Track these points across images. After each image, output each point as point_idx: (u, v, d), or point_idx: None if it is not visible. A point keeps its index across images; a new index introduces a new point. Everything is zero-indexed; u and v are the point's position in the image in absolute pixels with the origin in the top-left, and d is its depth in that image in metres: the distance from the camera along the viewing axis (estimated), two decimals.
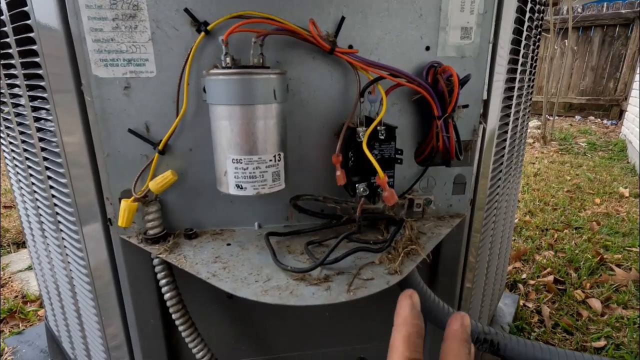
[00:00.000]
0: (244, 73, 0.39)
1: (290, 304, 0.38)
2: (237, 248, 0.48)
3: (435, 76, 0.47)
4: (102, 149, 0.47)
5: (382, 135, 0.44)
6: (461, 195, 0.57)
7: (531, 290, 1.46)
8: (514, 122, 0.74)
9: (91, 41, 0.43)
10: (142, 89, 0.45)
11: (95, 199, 0.51)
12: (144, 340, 0.59)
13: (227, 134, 0.41)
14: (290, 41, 0.46)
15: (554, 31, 3.81)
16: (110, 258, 0.55)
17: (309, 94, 0.49)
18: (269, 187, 0.43)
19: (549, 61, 3.98)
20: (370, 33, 0.48)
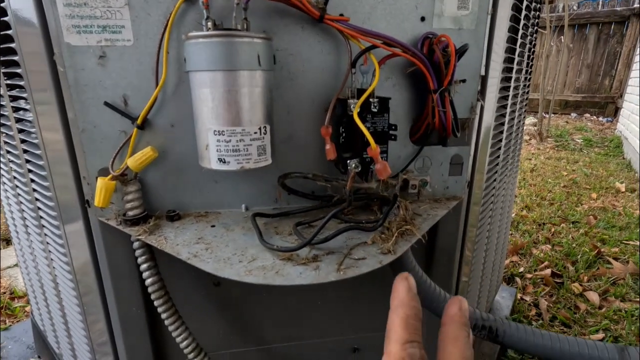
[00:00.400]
0: (226, 35, 0.36)
1: (276, 283, 0.36)
2: (222, 229, 0.46)
3: (430, 47, 0.45)
4: (77, 124, 0.44)
5: (375, 108, 0.42)
6: (458, 177, 0.55)
7: (528, 283, 1.45)
8: (511, 107, 0.71)
9: (62, 5, 0.40)
10: (119, 59, 0.42)
11: (77, 196, 0.48)
12: (127, 333, 0.56)
13: (208, 103, 0.38)
14: (277, 8, 0.43)
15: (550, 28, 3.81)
16: (92, 251, 0.52)
17: (298, 66, 0.46)
18: (254, 162, 0.40)
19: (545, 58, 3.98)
20: (362, 2, 0.45)
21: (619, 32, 5.16)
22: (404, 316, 0.26)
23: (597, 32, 5.30)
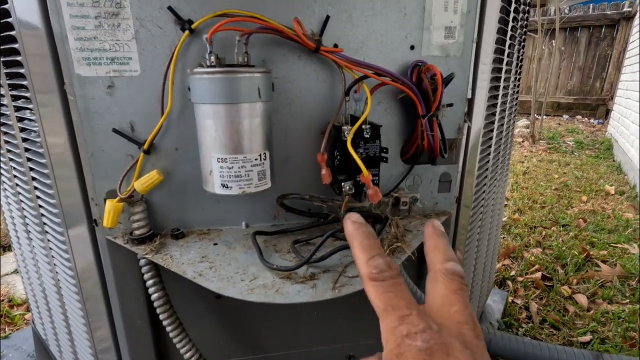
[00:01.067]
0: (228, 72, 0.39)
1: (276, 302, 0.38)
2: (224, 247, 0.48)
3: (419, 75, 0.48)
4: (86, 149, 0.47)
5: (367, 134, 0.45)
6: (447, 193, 0.58)
7: (520, 286, 1.48)
8: (499, 121, 0.75)
9: (73, 39, 0.42)
10: (126, 88, 0.45)
11: (81, 200, 0.51)
12: (131, 342, 0.58)
13: (212, 133, 0.40)
14: (275, 40, 0.46)
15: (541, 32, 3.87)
16: (96, 259, 0.54)
17: (295, 92, 0.49)
18: (255, 186, 0.43)
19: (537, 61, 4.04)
20: (355, 32, 0.48)
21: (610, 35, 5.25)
22: (358, 242, 0.29)
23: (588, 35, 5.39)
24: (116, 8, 0.42)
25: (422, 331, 0.23)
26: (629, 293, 1.43)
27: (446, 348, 0.23)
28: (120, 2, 0.42)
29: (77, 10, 0.41)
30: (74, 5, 0.41)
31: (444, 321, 0.25)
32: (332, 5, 0.46)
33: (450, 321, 0.25)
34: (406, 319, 0.24)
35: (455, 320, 0.25)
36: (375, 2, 0.47)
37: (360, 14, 0.47)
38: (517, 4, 0.69)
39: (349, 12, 0.47)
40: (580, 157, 3.45)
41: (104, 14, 0.42)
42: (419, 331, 0.23)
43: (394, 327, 0.24)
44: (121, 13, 0.42)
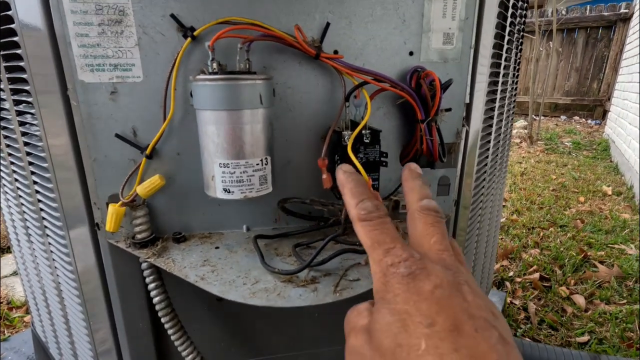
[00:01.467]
0: (230, 79, 0.39)
1: (278, 305, 0.39)
2: (226, 251, 0.49)
3: (418, 81, 0.49)
4: (89, 153, 0.47)
5: (367, 139, 0.45)
6: (445, 197, 0.59)
7: (518, 287, 1.49)
8: (497, 124, 0.75)
9: (77, 46, 0.43)
10: (129, 94, 0.45)
11: (82, 204, 0.51)
12: (133, 344, 0.59)
13: (214, 138, 0.41)
14: (276, 47, 0.46)
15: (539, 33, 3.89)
16: (98, 262, 0.54)
17: (296, 98, 0.49)
18: (257, 191, 0.43)
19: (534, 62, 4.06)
20: (355, 38, 0.49)
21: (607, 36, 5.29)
22: (349, 188, 0.32)
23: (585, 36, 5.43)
24: (119, 15, 0.42)
25: (405, 260, 0.25)
26: (626, 293, 1.44)
27: (427, 271, 0.25)
28: (124, 9, 0.42)
29: (81, 17, 0.42)
30: (78, 12, 0.42)
31: (425, 251, 0.27)
32: (333, 12, 0.47)
33: (431, 251, 0.27)
34: (390, 251, 0.26)
35: (436, 249, 0.27)
36: (375, 9, 0.48)
37: (360, 21, 0.48)
38: (514, 9, 0.70)
39: (349, 19, 0.48)
40: (577, 158, 3.47)
41: (107, 21, 0.42)
42: (402, 260, 0.25)
43: (380, 259, 0.26)
44: (124, 20, 0.43)
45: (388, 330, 0.23)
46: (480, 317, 0.23)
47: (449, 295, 0.24)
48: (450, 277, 0.25)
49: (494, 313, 0.24)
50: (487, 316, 0.23)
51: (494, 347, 0.21)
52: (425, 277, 0.24)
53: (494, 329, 0.22)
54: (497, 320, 0.23)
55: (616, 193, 2.51)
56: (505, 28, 0.65)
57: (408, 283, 0.24)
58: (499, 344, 0.22)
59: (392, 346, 0.22)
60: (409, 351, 0.22)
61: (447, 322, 0.22)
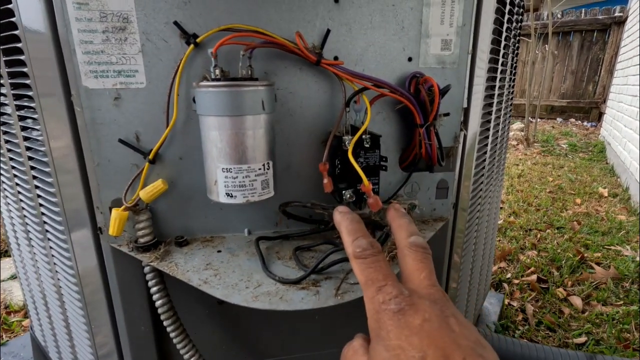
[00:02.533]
0: (232, 85, 0.40)
1: (280, 309, 0.40)
2: (228, 255, 0.49)
3: (417, 86, 0.49)
4: (92, 158, 0.48)
5: (367, 144, 0.46)
6: (444, 200, 0.60)
7: (516, 289, 1.50)
8: (494, 127, 0.77)
9: (81, 53, 0.43)
10: (132, 100, 0.46)
11: (84, 207, 0.51)
12: (134, 348, 0.59)
13: (217, 144, 0.42)
14: (278, 53, 0.47)
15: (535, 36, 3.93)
16: (99, 266, 0.55)
17: (297, 103, 0.50)
18: (259, 195, 0.44)
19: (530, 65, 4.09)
20: (354, 45, 0.49)
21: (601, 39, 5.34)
22: (344, 227, 0.34)
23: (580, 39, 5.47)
24: (123, 23, 0.43)
25: (395, 297, 0.27)
26: (622, 295, 1.45)
27: (416, 307, 0.26)
28: (127, 17, 0.43)
29: (85, 25, 0.42)
30: (82, 20, 0.42)
31: (415, 287, 0.29)
32: (333, 19, 0.48)
33: (420, 286, 0.29)
34: (382, 288, 0.28)
35: (425, 285, 0.29)
36: (374, 16, 0.49)
37: (359, 28, 0.49)
38: (510, 15, 0.71)
39: (349, 26, 0.49)
40: (574, 160, 3.49)
41: (111, 29, 0.43)
42: (393, 297, 0.27)
43: (373, 296, 0.28)
44: (128, 27, 0.43)
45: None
46: (468, 346, 0.24)
47: (437, 327, 0.25)
48: (438, 311, 0.26)
49: (481, 342, 0.26)
50: (474, 346, 0.25)
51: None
52: (414, 313, 0.26)
53: (480, 358, 0.24)
54: (484, 349, 0.25)
55: (612, 195, 2.53)
56: (501, 33, 0.66)
57: (399, 319, 0.26)
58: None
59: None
60: None
61: (437, 353, 0.24)
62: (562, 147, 3.96)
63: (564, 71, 5.65)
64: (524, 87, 5.29)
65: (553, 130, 4.91)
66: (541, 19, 5.30)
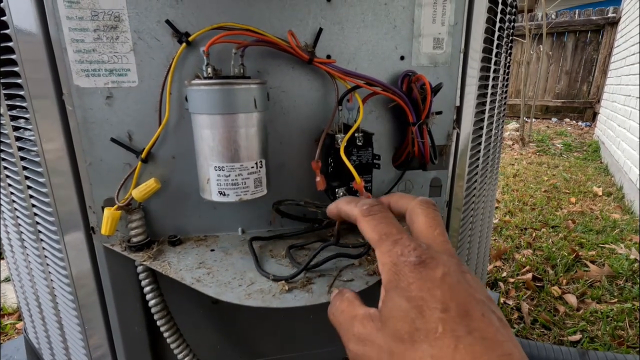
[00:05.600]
0: (225, 83, 0.40)
1: (273, 306, 0.40)
2: (221, 253, 0.49)
3: (409, 85, 0.50)
4: (85, 158, 0.47)
5: (360, 142, 0.46)
6: (437, 198, 0.60)
7: (511, 287, 1.51)
8: (488, 126, 0.77)
9: (72, 52, 0.43)
10: (125, 99, 0.46)
11: (77, 208, 0.51)
12: (128, 349, 0.59)
13: (209, 142, 0.42)
14: (270, 52, 0.47)
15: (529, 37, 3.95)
16: (93, 267, 0.54)
17: (290, 102, 0.50)
18: (252, 194, 0.44)
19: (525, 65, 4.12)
20: (347, 44, 0.50)
21: (595, 40, 5.38)
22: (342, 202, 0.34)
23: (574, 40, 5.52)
24: (115, 21, 0.43)
25: (414, 249, 0.27)
26: (617, 292, 1.46)
27: (436, 260, 0.26)
28: (119, 15, 0.43)
29: (76, 23, 0.42)
30: (74, 18, 0.42)
31: (430, 242, 0.29)
32: (325, 18, 0.48)
33: (436, 241, 0.29)
34: (399, 241, 0.28)
35: (440, 240, 0.29)
36: (367, 15, 0.49)
37: (352, 26, 0.49)
38: (503, 14, 0.71)
39: (341, 25, 0.49)
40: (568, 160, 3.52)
41: (103, 27, 0.43)
42: (412, 249, 0.27)
43: (389, 249, 0.27)
44: (119, 26, 0.43)
45: (405, 316, 0.25)
46: (483, 302, 0.25)
47: (457, 282, 0.25)
48: (455, 266, 0.26)
49: (489, 297, 0.26)
50: (488, 302, 0.25)
51: (498, 329, 0.24)
52: (435, 266, 0.26)
53: (493, 313, 0.24)
54: (493, 303, 0.26)
55: (606, 194, 2.55)
56: (494, 33, 0.66)
57: (420, 271, 0.26)
58: (500, 326, 0.24)
59: (410, 330, 0.24)
60: (426, 334, 0.23)
61: (459, 308, 0.24)
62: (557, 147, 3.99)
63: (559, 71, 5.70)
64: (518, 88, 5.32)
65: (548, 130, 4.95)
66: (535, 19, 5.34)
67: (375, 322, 0.26)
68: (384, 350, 0.25)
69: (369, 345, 0.26)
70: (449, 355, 0.22)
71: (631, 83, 3.06)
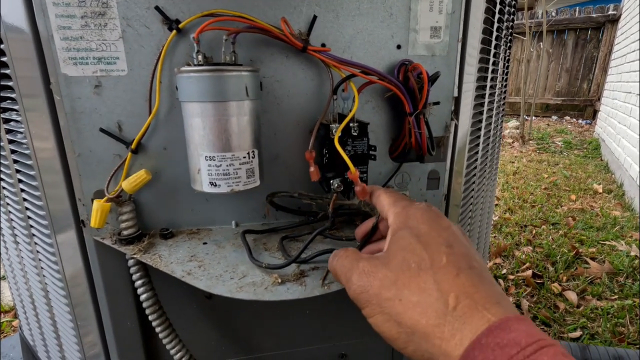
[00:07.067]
0: (215, 70, 0.39)
1: (265, 299, 0.39)
2: (214, 246, 0.48)
3: (406, 74, 0.49)
4: (73, 149, 0.46)
5: (355, 132, 0.45)
6: (435, 190, 0.59)
7: (511, 284, 1.50)
8: (487, 120, 0.76)
9: (59, 39, 0.42)
10: (114, 88, 0.45)
11: (69, 207, 0.50)
12: (121, 345, 0.58)
13: (199, 131, 0.41)
14: (263, 40, 0.46)
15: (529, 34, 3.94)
16: (85, 266, 0.53)
17: (283, 91, 0.49)
18: (244, 184, 0.43)
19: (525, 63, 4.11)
20: (342, 32, 0.48)
21: (595, 37, 5.37)
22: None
23: (574, 37, 5.50)
24: (102, 8, 0.42)
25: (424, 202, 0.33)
26: (617, 289, 1.45)
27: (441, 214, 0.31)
28: (107, 1, 0.42)
29: (63, 10, 0.41)
30: (60, 4, 0.41)
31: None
32: (319, 5, 0.47)
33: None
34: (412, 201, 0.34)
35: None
36: (362, 2, 0.48)
37: (347, 14, 0.48)
38: (502, 5, 0.70)
39: (336, 12, 0.48)
40: (569, 157, 3.51)
41: (90, 14, 0.42)
42: (422, 202, 0.33)
43: (405, 205, 0.33)
44: (107, 13, 0.42)
45: (414, 248, 0.28)
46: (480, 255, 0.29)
47: (460, 235, 0.30)
48: (457, 227, 0.31)
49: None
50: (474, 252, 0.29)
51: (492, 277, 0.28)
52: (441, 217, 0.30)
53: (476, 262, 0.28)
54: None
55: (607, 191, 2.53)
56: (493, 23, 0.65)
57: (430, 216, 0.30)
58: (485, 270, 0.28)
59: (417, 260, 0.27)
60: (432, 263, 0.26)
61: (462, 249, 0.28)
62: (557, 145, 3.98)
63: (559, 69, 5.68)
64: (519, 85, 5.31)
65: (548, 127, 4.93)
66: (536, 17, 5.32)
67: (381, 259, 0.29)
68: (389, 278, 0.27)
69: (372, 276, 0.28)
70: (450, 280, 0.25)
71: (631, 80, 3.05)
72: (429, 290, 0.25)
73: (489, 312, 0.24)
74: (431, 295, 0.25)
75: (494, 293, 0.25)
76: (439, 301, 0.25)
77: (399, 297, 0.26)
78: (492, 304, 0.24)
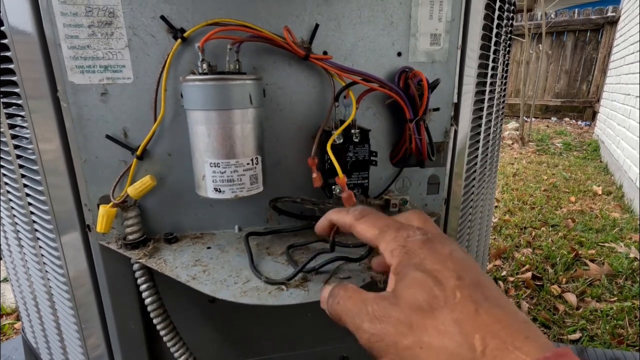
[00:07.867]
0: (219, 79, 0.40)
1: (269, 304, 0.39)
2: (217, 251, 0.49)
3: (406, 81, 0.49)
4: (80, 155, 0.47)
5: (357, 138, 0.46)
6: (435, 195, 0.60)
7: (511, 286, 1.51)
8: (486, 124, 0.77)
9: (67, 48, 0.43)
10: (120, 95, 0.46)
11: (74, 208, 0.51)
12: (125, 347, 0.58)
13: (204, 138, 0.41)
14: (266, 48, 0.47)
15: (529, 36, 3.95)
16: (89, 267, 0.54)
17: (286, 98, 0.50)
18: (247, 190, 0.44)
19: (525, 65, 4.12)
20: (343, 40, 0.49)
21: (595, 39, 5.38)
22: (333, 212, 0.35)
23: (574, 39, 5.52)
24: (109, 17, 0.43)
25: (418, 229, 0.29)
26: (616, 291, 1.46)
27: (440, 238, 0.29)
28: (113, 11, 0.43)
29: (71, 19, 0.42)
30: (68, 14, 0.42)
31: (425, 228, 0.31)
32: (321, 14, 0.48)
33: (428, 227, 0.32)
34: (401, 227, 0.30)
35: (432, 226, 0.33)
36: (363, 11, 0.49)
37: (348, 22, 0.49)
38: (501, 11, 0.71)
39: (338, 21, 0.49)
40: (568, 159, 3.52)
41: (97, 23, 0.43)
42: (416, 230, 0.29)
43: (395, 236, 0.29)
44: (114, 22, 0.43)
45: (422, 286, 0.25)
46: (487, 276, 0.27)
47: (463, 257, 0.27)
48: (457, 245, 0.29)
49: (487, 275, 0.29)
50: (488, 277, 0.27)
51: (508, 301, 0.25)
52: (442, 242, 0.28)
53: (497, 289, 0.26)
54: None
55: (606, 192, 2.54)
56: (492, 29, 0.66)
57: (430, 247, 0.27)
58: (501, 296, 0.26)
59: (428, 299, 0.25)
60: (445, 300, 0.24)
61: (471, 278, 0.25)
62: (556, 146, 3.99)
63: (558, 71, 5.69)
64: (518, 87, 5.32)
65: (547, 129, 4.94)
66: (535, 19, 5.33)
67: (389, 299, 0.26)
68: (403, 322, 0.25)
69: (385, 321, 0.26)
70: (470, 318, 0.23)
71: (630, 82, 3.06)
72: (450, 333, 0.23)
73: (521, 352, 0.21)
74: (453, 340, 0.23)
75: (519, 324, 0.23)
76: (463, 346, 0.22)
77: (419, 344, 0.24)
78: (522, 340, 0.22)
